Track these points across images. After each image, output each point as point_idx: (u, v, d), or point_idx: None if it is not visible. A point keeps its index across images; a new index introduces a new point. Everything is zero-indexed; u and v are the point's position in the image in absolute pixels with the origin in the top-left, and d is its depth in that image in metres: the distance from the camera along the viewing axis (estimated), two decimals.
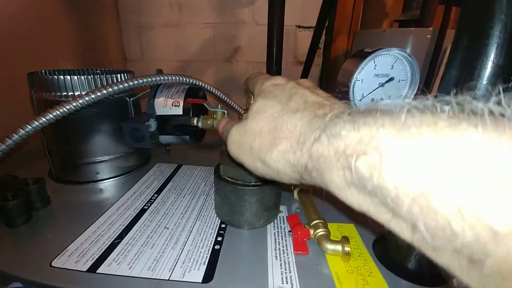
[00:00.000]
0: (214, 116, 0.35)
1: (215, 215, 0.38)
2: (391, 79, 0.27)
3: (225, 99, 0.51)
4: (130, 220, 0.36)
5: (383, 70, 0.27)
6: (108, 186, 0.45)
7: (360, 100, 0.28)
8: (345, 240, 0.30)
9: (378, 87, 0.27)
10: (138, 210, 0.38)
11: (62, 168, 0.46)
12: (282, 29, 0.95)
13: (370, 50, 0.26)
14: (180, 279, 0.27)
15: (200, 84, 0.45)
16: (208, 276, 0.28)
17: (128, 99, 0.46)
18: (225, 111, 0.35)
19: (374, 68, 0.27)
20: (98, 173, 0.46)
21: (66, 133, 0.43)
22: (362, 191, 0.12)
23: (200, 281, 0.27)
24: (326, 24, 1.22)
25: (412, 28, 0.93)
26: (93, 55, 0.96)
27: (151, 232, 0.34)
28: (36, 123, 0.35)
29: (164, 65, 1.28)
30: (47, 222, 0.36)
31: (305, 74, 1.11)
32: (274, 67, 0.99)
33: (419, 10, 0.84)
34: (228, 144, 0.22)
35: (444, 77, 0.24)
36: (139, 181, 0.46)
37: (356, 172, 0.12)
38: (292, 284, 0.27)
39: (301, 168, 0.16)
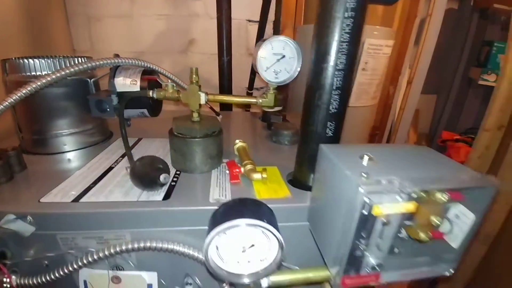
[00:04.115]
0: (166, 88, 0.47)
1: (171, 167, 0.50)
2: (283, 56, 0.42)
3: (177, 80, 0.63)
4: (101, 173, 0.47)
5: (278, 50, 0.42)
6: (75, 156, 0.55)
7: (266, 70, 0.43)
8: (263, 170, 0.45)
9: (276, 62, 0.42)
10: (107, 167, 0.49)
11: (32, 142, 0.54)
12: (230, 23, 1.09)
13: (268, 38, 0.41)
14: (146, 200, 0.39)
15: (153, 67, 0.57)
16: (166, 197, 0.40)
17: (89, 80, 0.55)
18: (174, 84, 0.47)
19: (272, 49, 0.41)
20: (65, 145, 0.55)
21: (35, 110, 0.51)
22: None
23: (161, 199, 0.39)
24: (274, 18, 1.38)
25: None
26: (40, 48, 0.98)
27: (120, 179, 0.45)
28: (10, 100, 0.44)
29: None
30: (27, 180, 0.45)
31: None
32: (225, 58, 1.13)
33: None
34: None
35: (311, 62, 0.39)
36: (104, 151, 0.56)
37: None
38: (226, 196, 0.41)
39: None
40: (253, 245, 0.28)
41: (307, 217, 0.40)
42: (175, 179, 0.46)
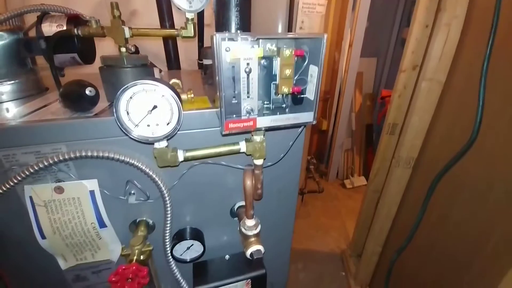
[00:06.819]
0: (90, 24, 0.51)
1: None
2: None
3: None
4: (36, 108, 0.50)
5: None
6: (13, 105, 0.57)
7: None
8: (190, 91, 0.52)
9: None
10: (41, 105, 0.52)
11: None
12: None
13: None
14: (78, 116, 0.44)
15: (76, 12, 0.59)
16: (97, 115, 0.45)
17: (20, 32, 0.57)
18: (98, 20, 0.51)
19: None
20: (3, 95, 0.57)
21: None
22: None
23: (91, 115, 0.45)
24: None
25: None
26: None
27: (54, 110, 0.49)
28: None
29: None
30: None
31: (200, 26, 1.28)
32: (167, 22, 1.16)
33: None
34: None
35: None
36: (40, 97, 0.59)
37: None
38: None
39: None
40: (155, 106, 0.35)
41: None
42: (108, 107, 0.51)
